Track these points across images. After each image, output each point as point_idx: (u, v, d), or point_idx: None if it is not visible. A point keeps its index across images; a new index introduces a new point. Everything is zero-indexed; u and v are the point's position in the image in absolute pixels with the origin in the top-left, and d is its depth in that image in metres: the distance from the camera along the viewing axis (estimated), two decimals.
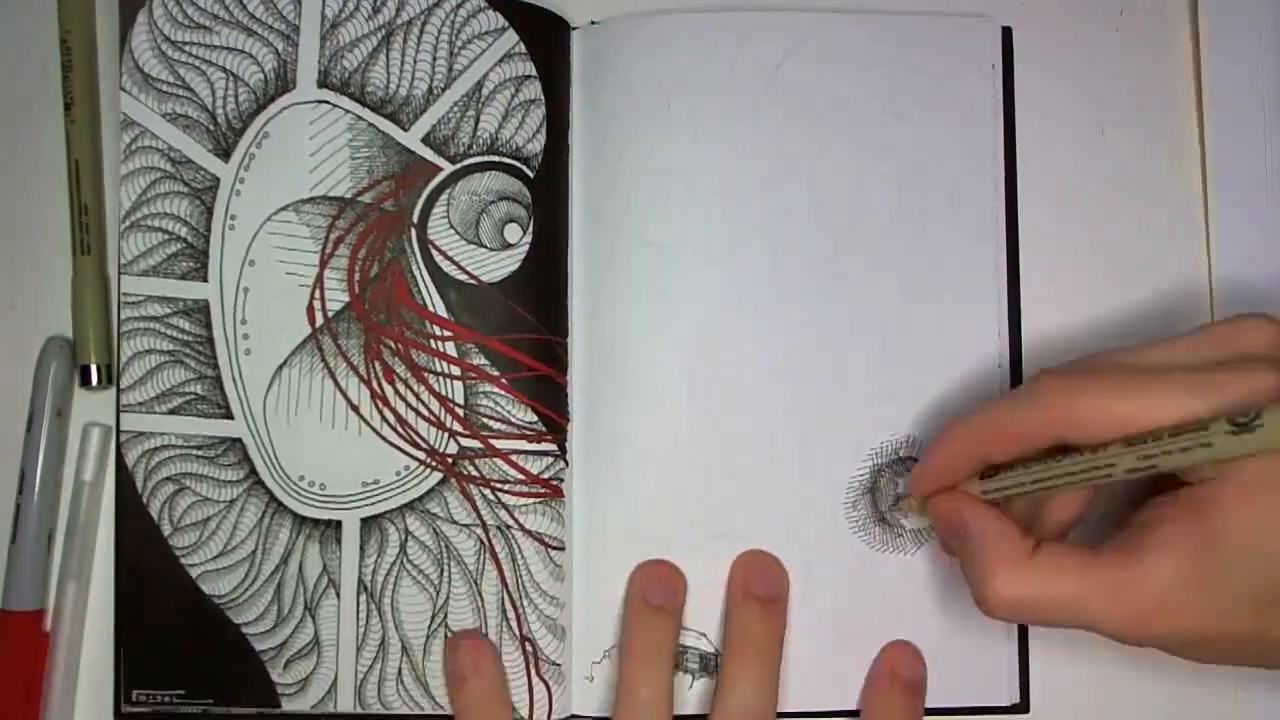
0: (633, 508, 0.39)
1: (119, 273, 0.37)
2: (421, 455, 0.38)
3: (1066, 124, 0.41)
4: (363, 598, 0.38)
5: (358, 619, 0.38)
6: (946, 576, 0.39)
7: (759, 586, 0.38)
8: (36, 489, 0.37)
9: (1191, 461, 0.29)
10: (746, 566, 0.38)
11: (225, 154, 0.37)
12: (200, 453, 0.37)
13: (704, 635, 0.39)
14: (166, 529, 0.37)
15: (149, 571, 0.37)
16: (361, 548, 0.38)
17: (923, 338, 0.39)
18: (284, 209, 0.38)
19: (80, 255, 0.38)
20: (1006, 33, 0.41)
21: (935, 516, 0.36)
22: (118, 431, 0.37)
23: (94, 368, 0.37)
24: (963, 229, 0.40)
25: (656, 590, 0.38)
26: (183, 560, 0.37)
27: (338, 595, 0.38)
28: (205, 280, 0.37)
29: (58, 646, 0.37)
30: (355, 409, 0.38)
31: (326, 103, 0.38)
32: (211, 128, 0.37)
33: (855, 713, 0.39)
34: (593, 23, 0.40)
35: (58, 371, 0.37)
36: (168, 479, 0.37)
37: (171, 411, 0.37)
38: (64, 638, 0.37)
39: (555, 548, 0.39)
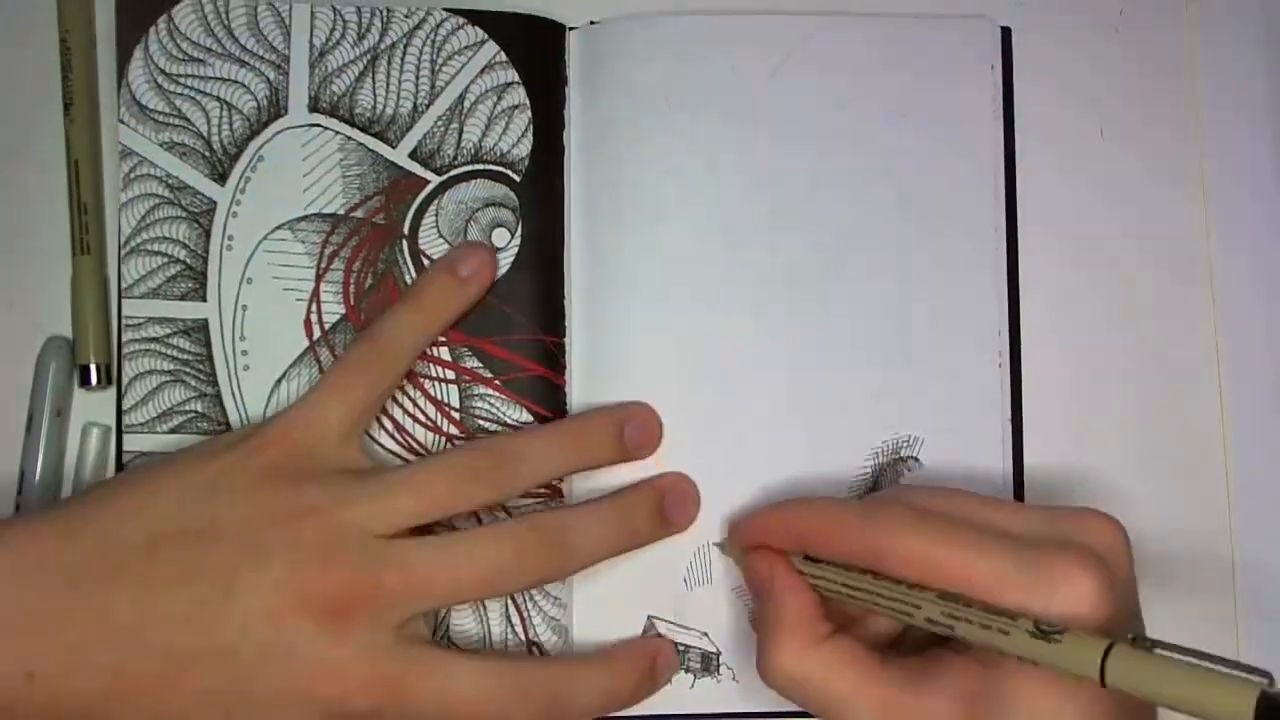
0: None
1: (120, 296, 0.38)
2: None
3: (1065, 125, 0.41)
4: None
5: None
6: None
7: (673, 506, 0.38)
8: (36, 489, 0.37)
9: (986, 642, 0.28)
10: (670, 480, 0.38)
11: (221, 178, 0.39)
12: None
13: (705, 635, 0.39)
14: None
15: None
16: None
17: (923, 337, 0.40)
18: (280, 228, 0.39)
19: (79, 255, 0.38)
20: (1005, 33, 0.41)
21: (749, 570, 0.35)
22: (119, 436, 0.38)
23: (93, 367, 0.38)
24: (962, 229, 0.40)
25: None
26: None
27: None
28: (204, 300, 0.38)
29: None
30: None
31: (318, 125, 0.39)
32: (207, 154, 0.39)
33: None
34: (592, 23, 0.41)
35: (57, 371, 0.38)
36: None
37: (172, 430, 0.38)
38: None
39: None
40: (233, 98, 0.39)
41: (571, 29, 0.41)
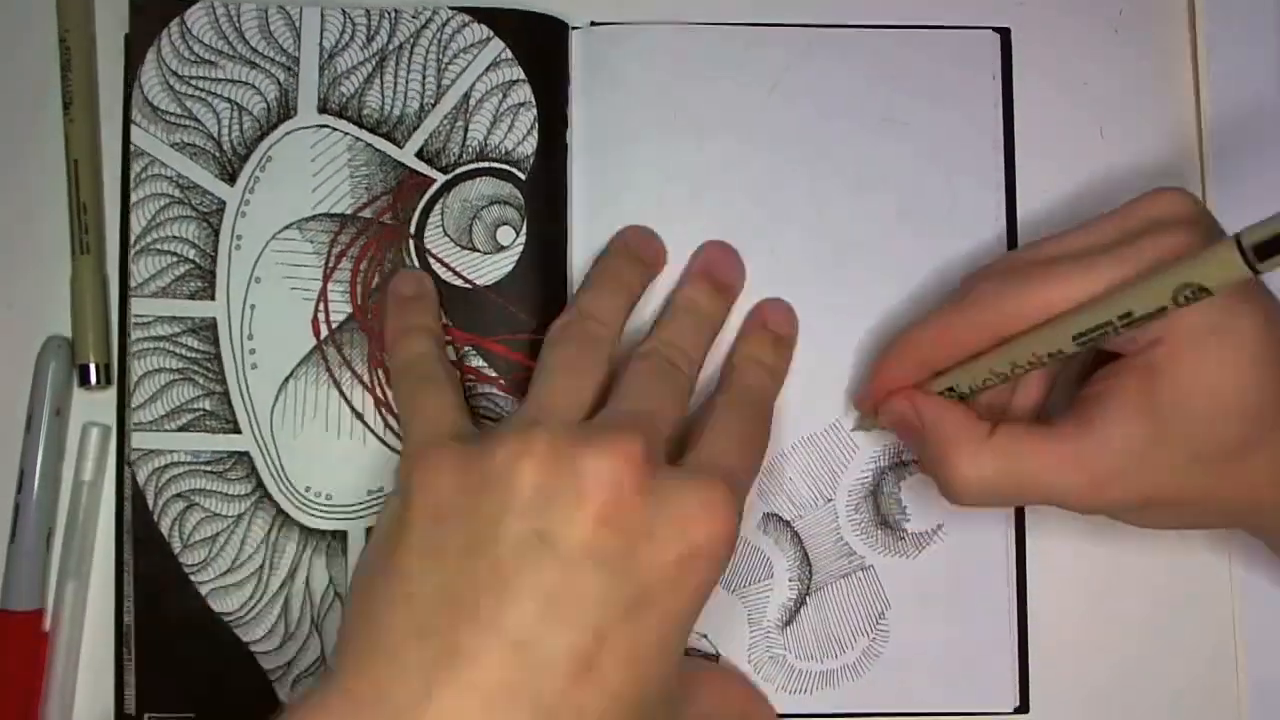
0: None
1: (130, 295, 0.38)
2: None
3: (1065, 125, 0.41)
4: None
5: None
6: (947, 579, 0.38)
7: (719, 271, 0.38)
8: (35, 488, 0.37)
9: (1145, 306, 0.29)
10: (710, 251, 0.39)
11: (231, 179, 0.39)
12: (209, 468, 0.38)
13: (704, 636, 0.38)
14: (176, 546, 0.38)
15: (161, 591, 0.37)
16: None
17: None
18: (288, 227, 0.39)
19: (79, 255, 0.38)
20: (1004, 34, 0.41)
21: (889, 417, 0.35)
22: (121, 444, 0.38)
23: (93, 367, 0.38)
24: (963, 236, 0.40)
25: (644, 247, 0.38)
26: (193, 578, 0.38)
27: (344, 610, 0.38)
28: (213, 299, 0.39)
29: (57, 646, 0.37)
30: (360, 417, 0.38)
31: (326, 126, 0.39)
32: (217, 155, 0.39)
33: (857, 715, 0.38)
34: (593, 24, 0.41)
35: (56, 371, 0.38)
36: (177, 496, 0.38)
37: (181, 428, 0.38)
38: (63, 638, 0.37)
39: None
40: (243, 99, 0.39)
41: (574, 29, 0.41)
